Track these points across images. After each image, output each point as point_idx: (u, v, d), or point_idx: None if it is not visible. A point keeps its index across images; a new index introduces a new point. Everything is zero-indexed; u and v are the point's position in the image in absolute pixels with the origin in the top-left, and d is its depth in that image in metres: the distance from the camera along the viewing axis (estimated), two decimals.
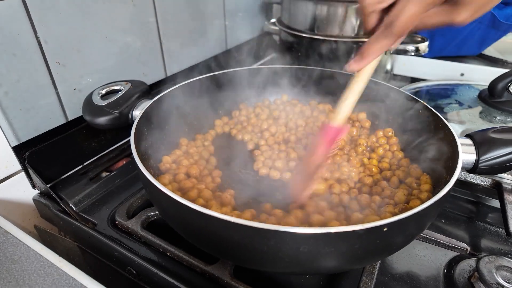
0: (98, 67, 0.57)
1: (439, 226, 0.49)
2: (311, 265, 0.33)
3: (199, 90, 0.58)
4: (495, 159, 0.39)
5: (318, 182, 0.47)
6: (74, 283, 0.33)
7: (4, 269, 0.35)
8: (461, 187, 0.54)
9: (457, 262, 0.42)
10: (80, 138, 0.56)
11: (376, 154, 0.52)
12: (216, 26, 0.82)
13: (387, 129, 0.55)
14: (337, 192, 0.46)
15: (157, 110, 0.51)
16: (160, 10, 0.65)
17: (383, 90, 0.55)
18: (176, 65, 0.73)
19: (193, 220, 0.32)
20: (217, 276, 0.38)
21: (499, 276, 0.37)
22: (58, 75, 0.52)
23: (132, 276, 0.43)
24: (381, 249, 0.34)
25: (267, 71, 0.63)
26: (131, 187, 0.54)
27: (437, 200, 0.31)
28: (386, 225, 0.29)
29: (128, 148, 0.63)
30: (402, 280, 0.41)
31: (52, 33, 0.49)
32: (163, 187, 0.32)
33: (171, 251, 0.42)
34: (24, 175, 0.51)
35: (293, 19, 0.77)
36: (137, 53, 0.63)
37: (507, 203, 0.47)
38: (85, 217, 0.49)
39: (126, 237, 0.45)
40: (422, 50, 0.72)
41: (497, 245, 0.46)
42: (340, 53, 0.72)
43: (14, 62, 0.46)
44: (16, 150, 0.49)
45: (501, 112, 0.62)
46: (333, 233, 0.28)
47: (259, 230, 0.28)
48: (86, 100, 0.51)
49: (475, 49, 0.94)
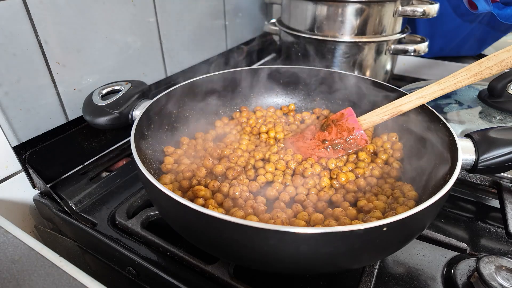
0: (98, 67, 0.57)
1: (439, 226, 0.49)
2: (311, 265, 0.33)
3: (199, 90, 0.58)
4: (495, 158, 0.39)
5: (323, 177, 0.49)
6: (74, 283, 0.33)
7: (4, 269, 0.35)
8: (461, 187, 0.55)
9: (456, 262, 0.42)
10: (80, 138, 0.56)
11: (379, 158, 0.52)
12: (216, 26, 0.82)
13: (392, 133, 0.55)
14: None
15: (157, 110, 0.51)
16: (160, 10, 0.65)
17: (381, 89, 0.55)
18: (176, 65, 0.73)
19: (193, 220, 0.32)
20: (217, 276, 0.39)
21: (499, 276, 0.37)
22: (58, 75, 0.52)
23: (132, 276, 0.44)
24: (380, 249, 0.34)
25: (267, 71, 0.63)
26: (131, 187, 0.54)
27: (436, 200, 0.31)
28: (386, 225, 0.29)
29: (128, 148, 0.63)
30: (402, 280, 0.41)
31: (52, 33, 0.49)
32: (163, 187, 0.33)
33: (171, 251, 0.42)
34: (24, 175, 0.51)
35: (293, 19, 0.77)
36: (137, 53, 0.63)
37: (507, 203, 0.47)
38: (85, 217, 0.49)
39: (126, 237, 0.45)
40: (422, 50, 0.72)
41: (497, 245, 0.46)
42: (340, 53, 0.72)
43: (14, 62, 0.46)
44: (16, 150, 0.49)
45: (501, 112, 0.62)
46: (333, 233, 0.28)
47: (259, 230, 0.28)
48: (86, 100, 0.51)
49: (475, 49, 0.94)
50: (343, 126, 0.51)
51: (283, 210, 0.42)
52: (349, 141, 0.51)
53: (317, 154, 0.52)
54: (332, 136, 0.52)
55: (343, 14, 0.69)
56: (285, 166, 0.51)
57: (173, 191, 0.39)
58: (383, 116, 0.48)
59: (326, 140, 0.52)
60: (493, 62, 0.40)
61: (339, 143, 0.51)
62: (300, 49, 0.76)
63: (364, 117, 0.50)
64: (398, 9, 0.69)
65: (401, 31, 0.75)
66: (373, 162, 0.52)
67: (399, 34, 0.74)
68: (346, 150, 0.51)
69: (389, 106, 0.48)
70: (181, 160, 0.51)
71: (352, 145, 0.51)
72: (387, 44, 0.73)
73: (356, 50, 0.72)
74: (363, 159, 0.52)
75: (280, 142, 0.57)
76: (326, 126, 0.53)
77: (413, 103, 0.46)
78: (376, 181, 0.48)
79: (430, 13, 0.67)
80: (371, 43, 0.71)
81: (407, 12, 0.68)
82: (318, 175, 0.49)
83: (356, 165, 0.51)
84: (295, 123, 0.63)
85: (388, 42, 0.73)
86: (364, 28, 0.70)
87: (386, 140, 0.55)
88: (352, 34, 0.70)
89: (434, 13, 0.67)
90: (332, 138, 0.52)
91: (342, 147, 0.51)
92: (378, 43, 0.72)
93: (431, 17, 0.67)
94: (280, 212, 0.41)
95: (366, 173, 0.50)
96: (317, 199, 0.45)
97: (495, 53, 0.40)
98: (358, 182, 0.48)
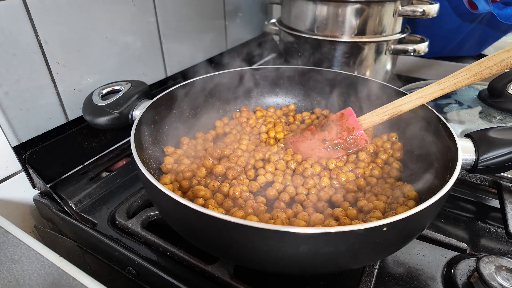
0: (98, 67, 0.57)
1: (439, 226, 0.49)
2: (311, 265, 0.33)
3: (199, 90, 0.58)
4: (495, 158, 0.39)
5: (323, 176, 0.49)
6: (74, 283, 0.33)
7: (5, 269, 0.35)
8: (461, 187, 0.55)
9: (456, 262, 0.42)
10: (80, 138, 0.56)
11: (379, 158, 0.52)
12: (216, 26, 0.82)
13: (392, 133, 0.55)
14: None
15: (157, 110, 0.51)
16: (160, 10, 0.65)
17: (381, 89, 0.55)
18: (176, 65, 0.73)
19: (193, 220, 0.32)
20: (217, 276, 0.39)
21: (499, 276, 0.37)
22: (58, 75, 0.52)
23: (132, 276, 0.44)
24: (380, 249, 0.34)
25: (267, 71, 0.63)
26: (131, 187, 0.54)
27: (436, 200, 0.31)
28: (386, 225, 0.29)
29: (128, 148, 0.63)
30: (402, 280, 0.41)
31: (52, 33, 0.49)
32: (163, 187, 0.33)
33: (171, 251, 0.42)
34: (24, 175, 0.51)
35: (293, 19, 0.77)
36: (137, 53, 0.63)
37: (507, 203, 0.47)
38: (85, 217, 0.49)
39: (126, 237, 0.45)
40: (422, 50, 0.72)
41: (497, 245, 0.46)
42: (340, 53, 0.72)
43: (14, 62, 0.46)
44: (16, 150, 0.49)
45: (501, 112, 0.62)
46: (333, 233, 0.28)
47: (259, 230, 0.28)
48: (86, 100, 0.51)
49: (475, 49, 0.94)
50: (343, 126, 0.51)
51: (283, 210, 0.42)
52: (349, 141, 0.51)
53: (317, 154, 0.52)
54: (332, 136, 0.52)
55: (343, 14, 0.69)
56: (285, 166, 0.51)
57: (173, 191, 0.39)
58: (383, 116, 0.48)
59: (326, 140, 0.52)
60: (493, 62, 0.40)
61: (339, 143, 0.51)
62: (300, 49, 0.76)
63: (364, 117, 0.50)
64: (398, 9, 0.69)
65: (401, 31, 0.75)
66: (373, 162, 0.52)
67: (399, 34, 0.74)
68: (346, 150, 0.51)
69: (389, 106, 0.48)
70: (181, 160, 0.51)
71: (352, 145, 0.51)
72: (387, 44, 0.73)
73: (356, 50, 0.72)
74: (363, 159, 0.52)
75: (280, 142, 0.57)
76: (326, 126, 0.53)
77: (413, 103, 0.46)
78: (376, 181, 0.48)
79: (430, 13, 0.67)
80: (371, 43, 0.71)
81: (407, 12, 0.68)
82: (318, 175, 0.49)
83: (356, 165, 0.51)
84: (295, 123, 0.63)
85: (388, 42, 0.73)
86: (364, 28, 0.70)
87: (386, 140, 0.55)
88: (352, 34, 0.70)
89: (434, 13, 0.67)
90: (332, 138, 0.52)
91: (342, 147, 0.51)
92: (378, 43, 0.72)
93: (431, 17, 0.67)
94: (280, 212, 0.41)
95: (366, 173, 0.50)
96: (317, 199, 0.45)
97: (495, 53, 0.40)
98: (358, 182, 0.48)
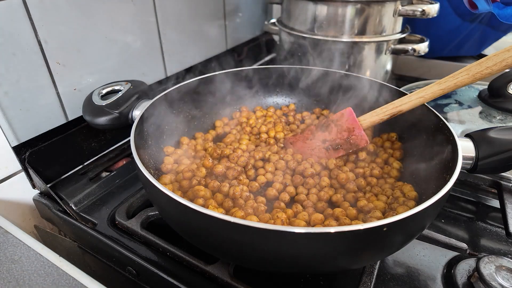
0: (98, 67, 0.57)
1: (439, 226, 0.49)
2: (311, 265, 0.33)
3: (199, 90, 0.58)
4: (495, 158, 0.39)
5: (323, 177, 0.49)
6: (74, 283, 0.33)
7: (4, 269, 0.35)
8: (461, 187, 0.54)
9: (456, 262, 0.42)
10: (80, 138, 0.56)
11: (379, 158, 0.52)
12: (216, 26, 0.82)
13: (392, 133, 0.55)
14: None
15: (157, 110, 0.51)
16: (160, 10, 0.65)
17: (381, 89, 0.55)
18: (176, 65, 0.73)
19: (193, 220, 0.32)
20: (217, 276, 0.38)
21: (499, 276, 0.37)
22: (58, 75, 0.52)
23: (132, 276, 0.44)
24: (381, 249, 0.34)
25: (267, 71, 0.63)
26: (131, 187, 0.54)
27: (436, 200, 0.31)
28: (386, 225, 0.29)
29: (128, 148, 0.63)
30: (402, 280, 0.41)
31: (52, 33, 0.49)
32: (163, 187, 0.33)
33: (171, 251, 0.42)
34: (24, 175, 0.51)
35: (293, 19, 0.77)
36: (137, 53, 0.63)
37: (507, 203, 0.47)
38: (85, 217, 0.49)
39: (126, 237, 0.45)
40: (422, 50, 0.72)
41: (497, 245, 0.46)
42: (340, 53, 0.72)
43: (14, 62, 0.46)
44: (16, 150, 0.49)
45: (501, 112, 0.62)
46: (333, 233, 0.28)
47: (259, 230, 0.28)
48: (86, 100, 0.51)
49: (475, 49, 0.94)
50: (343, 126, 0.51)
51: (283, 210, 0.42)
52: (349, 141, 0.51)
53: (317, 154, 0.52)
54: (332, 136, 0.52)
55: (343, 14, 0.69)
56: (285, 166, 0.51)
57: (173, 191, 0.40)
58: (383, 116, 0.48)
59: (326, 140, 0.52)
60: (493, 62, 0.40)
61: (339, 143, 0.51)
62: (300, 49, 0.76)
63: (364, 117, 0.50)
64: (398, 9, 0.69)
65: (401, 31, 0.75)
66: (373, 162, 0.52)
67: (399, 34, 0.74)
68: (346, 150, 0.51)
69: (389, 106, 0.48)
70: (181, 160, 0.51)
71: (352, 145, 0.51)
72: (387, 44, 0.73)
73: (356, 50, 0.72)
74: (363, 159, 0.52)
75: (280, 142, 0.57)
76: (326, 126, 0.53)
77: (413, 103, 0.46)
78: (376, 181, 0.48)
79: (430, 13, 0.67)
80: (371, 43, 0.71)
81: (407, 12, 0.68)
82: (318, 175, 0.49)
83: (356, 165, 0.51)
84: (295, 123, 0.63)
85: (388, 42, 0.73)
86: (364, 28, 0.70)
87: (386, 140, 0.55)
88: (352, 34, 0.70)
89: (434, 13, 0.67)
90: (332, 138, 0.52)
91: (342, 147, 0.51)
92: (378, 43, 0.72)
93: (431, 17, 0.67)
94: (280, 212, 0.41)
95: (366, 173, 0.50)
96: (317, 199, 0.45)
97: (495, 53, 0.40)
98: (358, 182, 0.48)
